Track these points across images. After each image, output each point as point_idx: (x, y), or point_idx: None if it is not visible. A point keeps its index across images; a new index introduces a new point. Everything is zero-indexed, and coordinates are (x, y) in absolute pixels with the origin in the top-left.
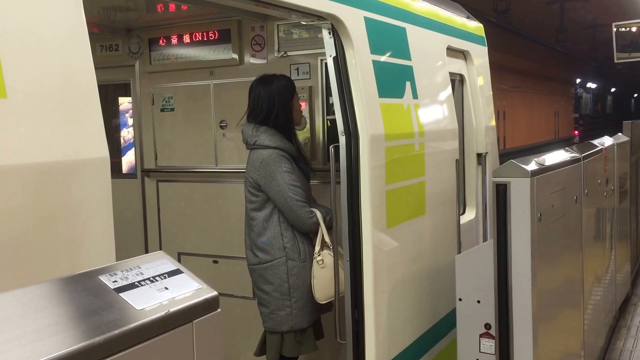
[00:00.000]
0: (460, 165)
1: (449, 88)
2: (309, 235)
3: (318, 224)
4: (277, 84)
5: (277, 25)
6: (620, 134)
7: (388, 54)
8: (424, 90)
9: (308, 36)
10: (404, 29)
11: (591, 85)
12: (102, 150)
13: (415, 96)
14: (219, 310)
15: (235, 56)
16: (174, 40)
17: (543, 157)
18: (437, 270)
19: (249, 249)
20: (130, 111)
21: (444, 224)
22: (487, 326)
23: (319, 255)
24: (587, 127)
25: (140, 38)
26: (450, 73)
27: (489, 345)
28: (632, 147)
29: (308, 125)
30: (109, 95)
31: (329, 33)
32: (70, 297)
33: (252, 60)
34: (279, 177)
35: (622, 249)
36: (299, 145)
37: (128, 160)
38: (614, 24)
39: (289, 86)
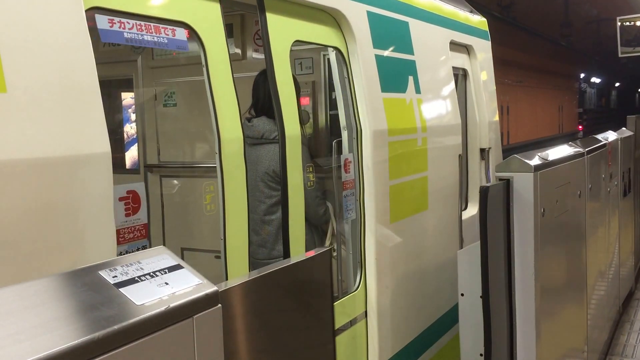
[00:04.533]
0: (464, 160)
1: (452, 83)
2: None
3: (330, 218)
4: (296, 82)
5: None
6: (624, 128)
7: (391, 48)
8: (427, 85)
9: None
10: (406, 23)
11: (595, 79)
12: (104, 145)
13: (418, 91)
14: (219, 305)
15: (238, 51)
16: None
17: (546, 152)
18: (439, 266)
19: (261, 245)
20: (133, 106)
21: (447, 219)
22: None
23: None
24: (591, 121)
25: None
26: (453, 68)
27: None
28: (636, 141)
29: (311, 120)
30: (111, 90)
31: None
32: (70, 292)
33: (255, 55)
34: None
35: (625, 243)
36: None
37: (131, 155)
38: (618, 18)
39: None
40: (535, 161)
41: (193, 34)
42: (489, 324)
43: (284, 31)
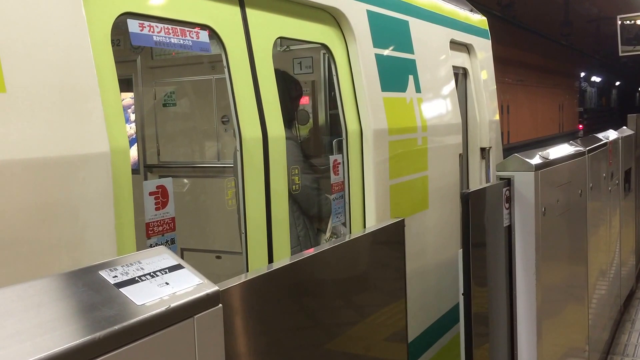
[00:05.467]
0: (464, 159)
1: (452, 82)
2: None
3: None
4: (297, 83)
5: None
6: (625, 127)
7: (391, 47)
8: (427, 84)
9: None
10: (406, 22)
11: (596, 78)
12: (103, 145)
13: (418, 90)
14: (220, 305)
15: None
16: None
17: (547, 151)
18: (440, 265)
19: None
20: (133, 107)
21: (447, 218)
22: None
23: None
24: (592, 121)
25: None
26: (453, 67)
27: None
28: (636, 140)
29: (311, 120)
30: None
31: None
32: (70, 292)
33: None
34: (301, 165)
35: (626, 243)
36: None
37: (131, 155)
38: (618, 16)
39: None
40: (536, 160)
41: (215, 36)
42: (470, 324)
43: (266, 27)
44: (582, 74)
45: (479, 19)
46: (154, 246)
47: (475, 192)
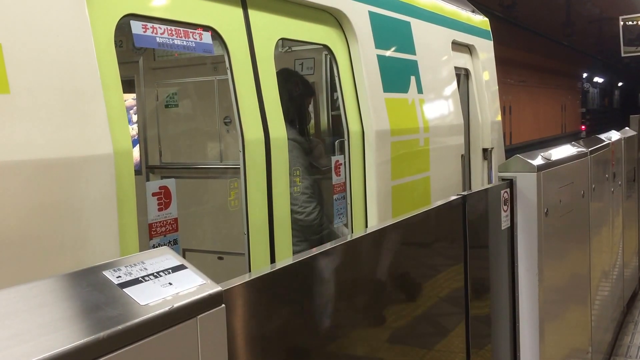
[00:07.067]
0: (466, 160)
1: (454, 83)
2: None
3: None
4: (308, 86)
5: None
6: (627, 128)
7: (393, 48)
8: (429, 85)
9: None
10: (408, 23)
11: (598, 79)
12: (106, 146)
13: (420, 91)
14: (223, 305)
15: None
16: None
17: (549, 151)
18: None
19: None
20: (135, 108)
21: None
22: None
23: None
24: (594, 121)
25: None
26: (455, 67)
27: None
28: (639, 141)
29: (312, 121)
30: None
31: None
32: (74, 292)
33: None
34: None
35: (629, 244)
36: None
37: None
38: (621, 17)
39: None
40: (538, 161)
41: (218, 38)
42: (469, 325)
43: (268, 28)
44: (585, 75)
45: (480, 20)
46: (156, 247)
47: (472, 194)
